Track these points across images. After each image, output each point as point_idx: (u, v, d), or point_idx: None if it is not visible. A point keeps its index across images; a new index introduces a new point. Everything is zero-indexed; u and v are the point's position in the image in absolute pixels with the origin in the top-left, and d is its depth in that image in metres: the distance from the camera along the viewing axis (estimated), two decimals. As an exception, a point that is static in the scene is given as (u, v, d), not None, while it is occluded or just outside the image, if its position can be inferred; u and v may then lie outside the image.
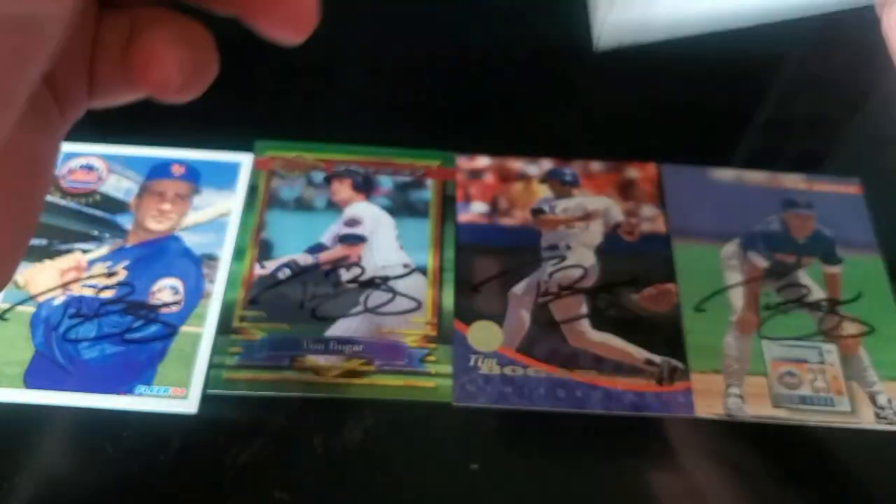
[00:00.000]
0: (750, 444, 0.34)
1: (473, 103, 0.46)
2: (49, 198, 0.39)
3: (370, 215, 0.40)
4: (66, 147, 0.41)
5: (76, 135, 0.29)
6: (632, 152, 0.43)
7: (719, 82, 0.42)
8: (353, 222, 0.40)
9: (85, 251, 0.38)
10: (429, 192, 0.41)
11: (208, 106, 0.48)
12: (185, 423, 0.33)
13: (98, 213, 0.39)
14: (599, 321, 0.37)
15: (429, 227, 0.40)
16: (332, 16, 0.55)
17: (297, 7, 0.16)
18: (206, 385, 0.34)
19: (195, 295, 0.37)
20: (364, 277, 0.38)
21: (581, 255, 0.39)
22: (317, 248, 0.39)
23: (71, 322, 0.35)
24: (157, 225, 0.39)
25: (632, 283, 0.38)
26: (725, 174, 0.43)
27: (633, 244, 0.40)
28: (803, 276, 0.39)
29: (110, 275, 0.37)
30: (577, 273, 0.39)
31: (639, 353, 0.36)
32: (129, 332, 0.35)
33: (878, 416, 0.35)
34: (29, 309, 0.36)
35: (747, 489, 0.33)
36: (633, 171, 0.43)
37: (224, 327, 0.36)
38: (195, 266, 0.38)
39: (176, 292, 0.37)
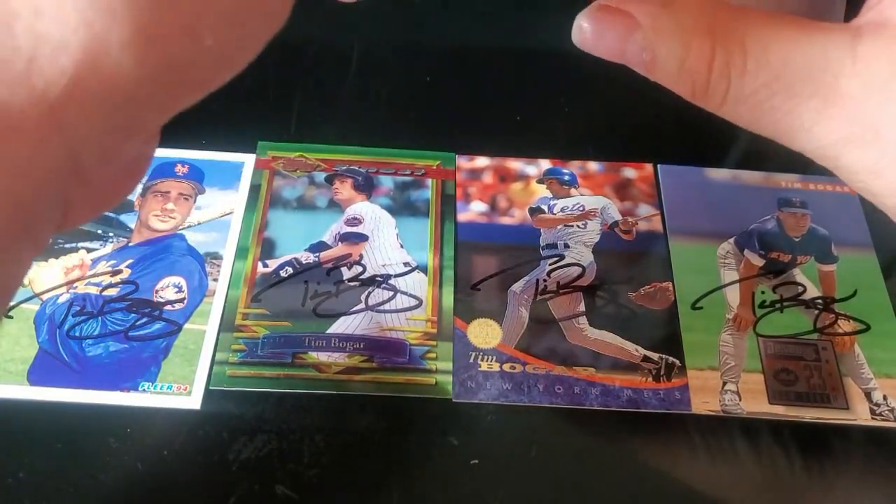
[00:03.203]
0: (746, 441, 0.35)
1: (473, 103, 0.46)
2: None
3: (371, 214, 0.40)
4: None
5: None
6: (629, 153, 0.44)
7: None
8: (354, 221, 0.40)
9: (89, 249, 0.38)
10: (429, 192, 0.41)
11: (212, 107, 0.48)
12: (189, 420, 0.33)
13: (102, 212, 0.40)
14: (597, 319, 0.37)
15: (429, 226, 0.40)
16: (334, 17, 0.56)
17: None
18: (210, 382, 0.34)
19: (199, 293, 0.37)
20: (365, 275, 0.38)
21: (579, 254, 0.40)
22: (318, 247, 0.39)
23: (75, 319, 0.36)
24: (160, 224, 0.39)
25: (629, 282, 0.39)
26: (721, 174, 0.43)
27: (630, 243, 0.40)
28: (799, 275, 0.40)
29: (114, 273, 0.37)
30: (576, 271, 0.39)
31: (636, 350, 0.37)
32: (133, 330, 0.36)
33: (873, 412, 0.35)
34: (33, 306, 0.36)
35: (743, 485, 0.33)
36: (631, 171, 0.43)
37: (227, 325, 0.36)
38: (199, 264, 0.38)
39: (179, 290, 0.37)
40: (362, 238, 0.39)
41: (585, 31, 0.19)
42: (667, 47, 0.18)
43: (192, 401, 0.34)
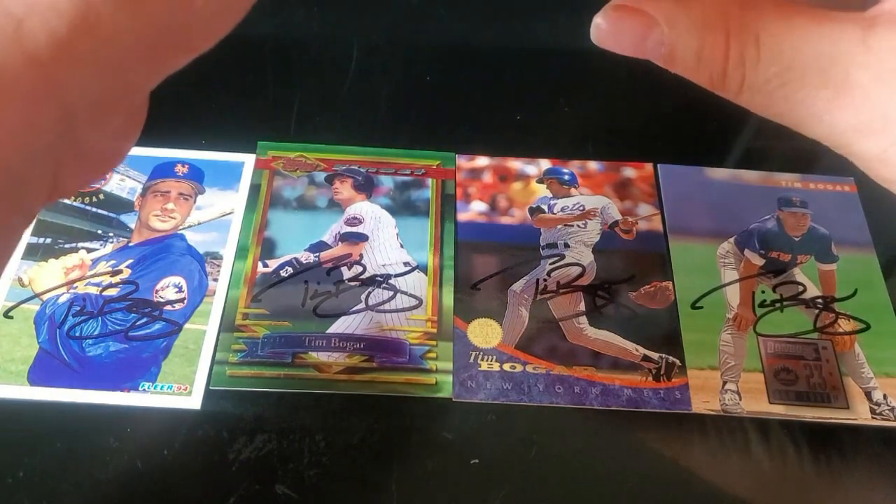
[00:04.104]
0: (746, 440, 0.35)
1: (473, 103, 0.46)
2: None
3: (371, 214, 0.40)
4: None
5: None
6: (629, 152, 0.44)
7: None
8: (354, 221, 0.40)
9: (89, 250, 0.38)
10: (429, 192, 0.41)
11: (212, 107, 0.49)
12: (189, 419, 0.33)
13: (102, 211, 0.40)
14: (597, 318, 0.37)
15: (429, 226, 0.40)
16: (334, 17, 0.56)
17: None
18: (210, 381, 0.34)
19: (199, 293, 0.37)
20: (365, 275, 0.38)
21: (579, 254, 0.40)
22: (318, 247, 0.39)
23: (75, 319, 0.36)
24: (160, 224, 0.39)
25: (629, 281, 0.39)
26: (721, 173, 0.43)
27: (630, 242, 0.40)
28: (799, 274, 0.40)
29: (114, 273, 0.37)
30: (576, 271, 0.39)
31: (636, 350, 0.37)
32: (133, 330, 0.36)
33: (873, 411, 0.35)
34: (33, 307, 0.36)
35: (743, 484, 0.33)
36: (631, 171, 0.43)
37: (227, 325, 0.36)
38: (199, 264, 0.38)
39: (179, 290, 0.37)
40: (362, 238, 0.39)
41: (604, 30, 0.20)
42: (683, 42, 0.19)
43: (192, 401, 0.34)
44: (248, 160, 0.42)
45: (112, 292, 0.37)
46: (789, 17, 0.18)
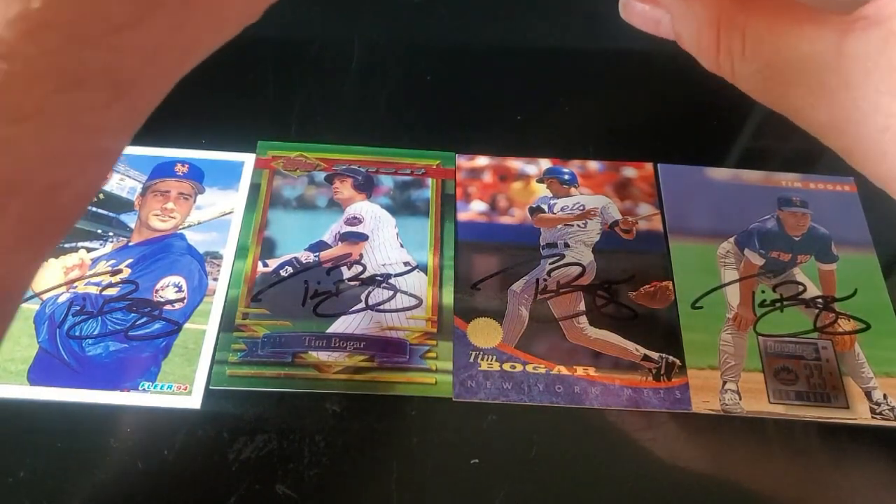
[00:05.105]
0: (746, 440, 0.35)
1: (473, 103, 0.46)
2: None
3: (371, 214, 0.40)
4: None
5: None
6: (629, 152, 0.44)
7: (716, 82, 0.43)
8: (354, 221, 0.40)
9: (89, 249, 0.38)
10: (429, 191, 0.41)
11: (212, 107, 0.49)
12: (189, 419, 0.33)
13: (102, 211, 0.39)
14: (597, 318, 0.37)
15: (429, 226, 0.40)
16: (334, 17, 0.56)
17: None
18: (210, 381, 0.34)
19: (198, 292, 0.37)
20: (365, 275, 0.38)
21: (579, 253, 0.40)
22: (318, 247, 0.39)
23: (75, 319, 0.36)
24: (160, 223, 0.39)
25: (629, 281, 0.39)
26: (722, 173, 0.43)
27: (630, 242, 0.40)
28: (799, 274, 0.40)
29: (114, 272, 0.37)
30: (576, 271, 0.39)
31: (636, 350, 0.37)
32: (133, 329, 0.36)
33: (873, 411, 0.35)
34: (33, 306, 0.36)
35: (743, 484, 0.33)
36: (631, 171, 0.43)
37: (227, 324, 0.36)
38: (198, 264, 0.38)
39: (179, 290, 0.37)
40: (362, 237, 0.39)
41: (628, 9, 0.24)
42: (686, 31, 0.22)
43: (192, 400, 0.34)
44: (248, 160, 0.42)
45: (112, 292, 0.37)
46: (776, 18, 0.20)
